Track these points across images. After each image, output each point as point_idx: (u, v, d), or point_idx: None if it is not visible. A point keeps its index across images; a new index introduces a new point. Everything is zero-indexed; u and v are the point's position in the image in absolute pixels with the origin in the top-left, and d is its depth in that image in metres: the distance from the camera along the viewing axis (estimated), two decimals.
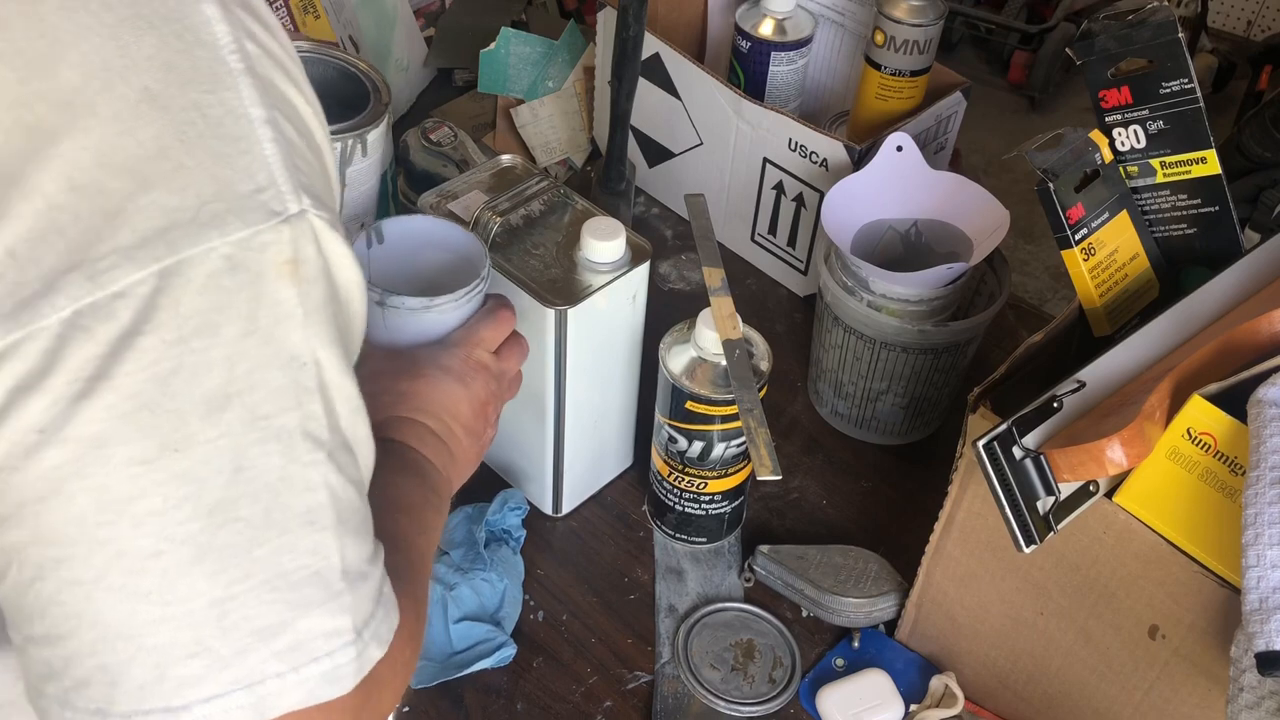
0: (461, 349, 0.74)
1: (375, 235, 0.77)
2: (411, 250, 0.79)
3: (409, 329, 0.74)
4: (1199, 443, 0.66)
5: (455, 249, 0.78)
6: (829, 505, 1.03)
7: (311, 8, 1.21)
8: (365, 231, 0.77)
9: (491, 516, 0.94)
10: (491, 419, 0.76)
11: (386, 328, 0.74)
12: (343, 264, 0.47)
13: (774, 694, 0.89)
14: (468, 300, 0.75)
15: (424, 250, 0.79)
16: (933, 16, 1.09)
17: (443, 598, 0.89)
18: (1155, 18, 0.79)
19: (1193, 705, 0.74)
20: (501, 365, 0.76)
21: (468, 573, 0.90)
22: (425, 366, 0.72)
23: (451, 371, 0.73)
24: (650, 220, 1.29)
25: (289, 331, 0.44)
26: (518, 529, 0.96)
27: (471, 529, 0.93)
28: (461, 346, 0.74)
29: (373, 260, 0.77)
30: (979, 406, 0.75)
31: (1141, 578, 0.72)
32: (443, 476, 0.70)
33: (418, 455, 0.69)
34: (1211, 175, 0.82)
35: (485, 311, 0.77)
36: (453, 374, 0.73)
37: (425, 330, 0.74)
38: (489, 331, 0.76)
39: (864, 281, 0.98)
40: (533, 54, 1.31)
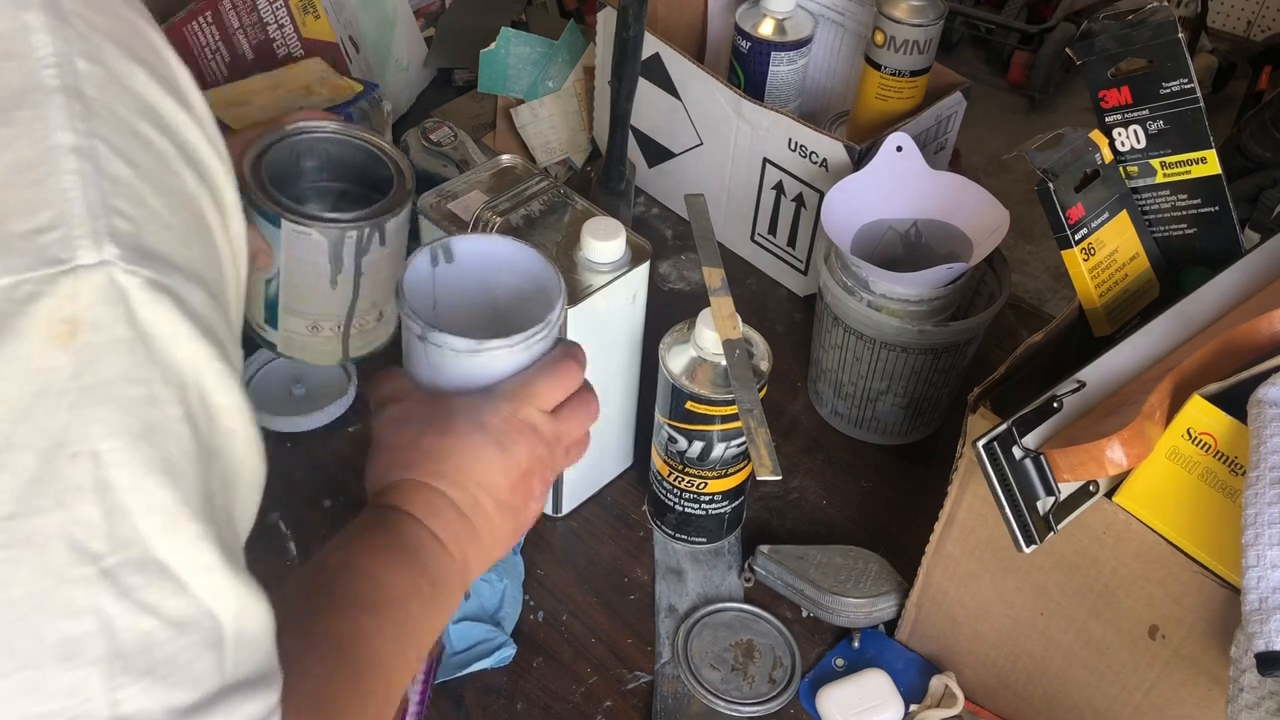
0: (508, 404, 0.62)
1: (442, 253, 0.68)
2: (483, 273, 0.69)
3: (452, 371, 0.64)
4: (1199, 443, 0.66)
5: (533, 277, 0.68)
6: (829, 505, 1.03)
7: (311, 8, 1.21)
8: (430, 248, 0.67)
9: None
10: (536, 492, 0.65)
11: (430, 365, 0.64)
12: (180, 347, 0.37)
13: (774, 694, 0.89)
14: (526, 347, 0.64)
15: (498, 275, 0.69)
16: (933, 16, 1.09)
17: None
18: (1155, 18, 0.79)
19: (1193, 705, 0.74)
20: (557, 427, 0.64)
21: None
22: (459, 421, 0.62)
23: (490, 430, 0.61)
24: (650, 220, 1.29)
25: (52, 409, 0.35)
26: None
27: None
28: (508, 401, 0.62)
29: (437, 281, 0.68)
30: (979, 406, 0.75)
31: (1141, 578, 0.72)
32: (452, 560, 0.60)
33: (420, 531, 0.60)
34: (1211, 175, 0.82)
35: (547, 360, 0.65)
36: (491, 433, 0.61)
37: (470, 375, 0.64)
38: (547, 386, 0.64)
39: (864, 281, 0.98)
40: (533, 54, 1.31)
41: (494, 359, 0.63)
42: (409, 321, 0.63)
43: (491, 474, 0.61)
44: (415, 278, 0.66)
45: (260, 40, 1.18)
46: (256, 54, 1.18)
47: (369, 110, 1.06)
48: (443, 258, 0.68)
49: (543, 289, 0.67)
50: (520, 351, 0.64)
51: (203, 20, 1.13)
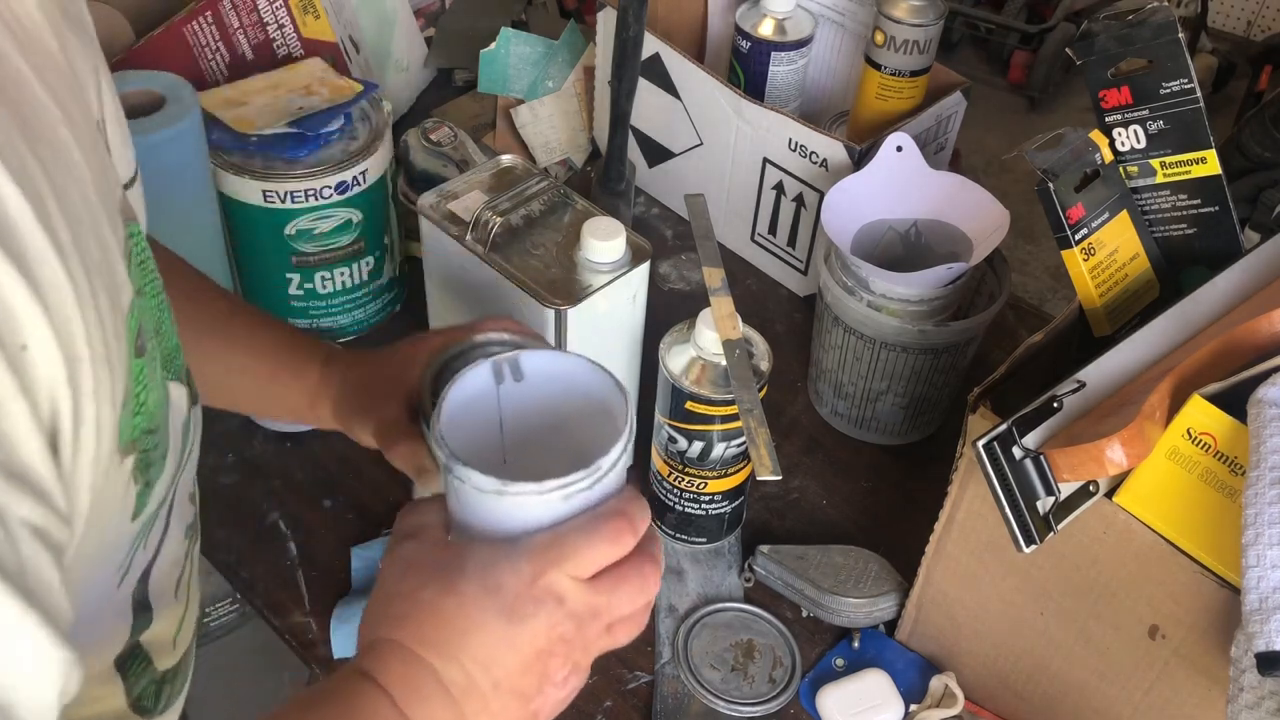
0: (531, 564, 0.51)
1: (510, 369, 0.59)
2: (554, 394, 0.60)
3: (478, 512, 0.54)
4: (1199, 443, 0.66)
5: (604, 405, 0.58)
6: (829, 505, 1.03)
7: (311, 8, 1.21)
8: (493, 362, 0.58)
9: None
10: (556, 676, 0.53)
11: (458, 501, 0.54)
12: None
13: (774, 694, 0.89)
14: (564, 496, 0.52)
15: (569, 397, 0.59)
16: (933, 16, 1.09)
17: None
18: (1155, 18, 0.79)
19: (1193, 705, 0.74)
20: (593, 600, 0.52)
21: None
22: (469, 578, 0.51)
23: (502, 595, 0.50)
24: (650, 220, 1.29)
25: None
26: None
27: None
28: (532, 561, 0.51)
29: (502, 398, 0.59)
30: (979, 406, 0.75)
31: (1141, 578, 0.72)
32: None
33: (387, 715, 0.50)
34: (1211, 175, 0.82)
35: (593, 515, 0.53)
36: (501, 599, 0.50)
37: (498, 521, 0.53)
38: (586, 547, 0.52)
39: (864, 281, 0.98)
40: (533, 54, 1.31)
41: (521, 505, 0.52)
42: (435, 447, 0.54)
43: (495, 649, 0.51)
44: (470, 395, 0.57)
45: (260, 40, 1.18)
46: (256, 54, 1.18)
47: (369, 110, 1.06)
48: (510, 374, 0.59)
49: (612, 419, 0.56)
50: (558, 501, 0.52)
51: (203, 20, 1.13)
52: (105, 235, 0.43)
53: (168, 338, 0.52)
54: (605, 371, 0.58)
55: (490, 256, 0.86)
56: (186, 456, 0.58)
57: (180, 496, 0.59)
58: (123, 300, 0.44)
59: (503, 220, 0.87)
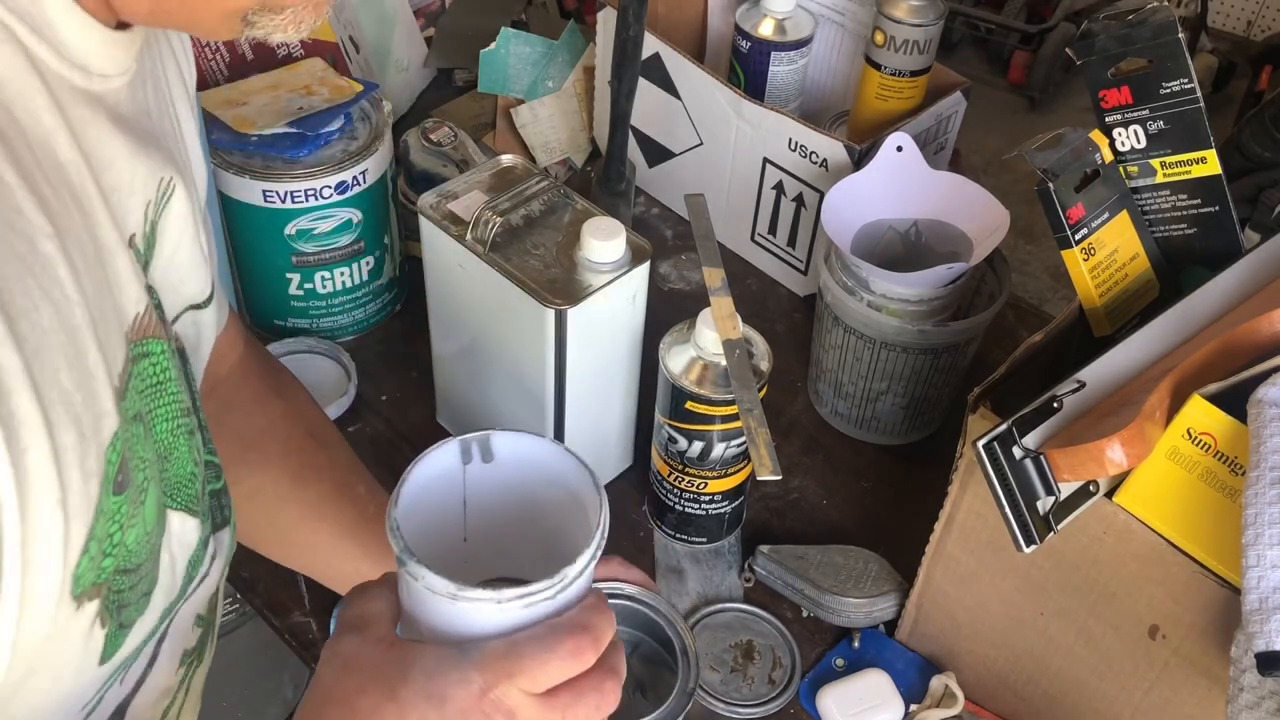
0: (481, 675, 0.48)
1: (479, 449, 0.55)
2: (527, 479, 0.57)
3: (429, 612, 0.50)
4: (1199, 443, 0.66)
5: (578, 497, 0.56)
6: (829, 505, 1.03)
7: None
8: (462, 440, 0.55)
9: None
10: None
11: (408, 595, 0.51)
12: None
13: (774, 695, 0.89)
14: (524, 605, 0.49)
15: (548, 489, 0.57)
16: (933, 16, 1.09)
17: None
18: (1155, 18, 0.79)
19: (1193, 705, 0.74)
20: (545, 715, 0.49)
21: None
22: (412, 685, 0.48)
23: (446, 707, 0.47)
24: (650, 220, 1.29)
25: None
26: None
27: None
28: (483, 671, 0.48)
29: (468, 479, 0.56)
30: (979, 406, 0.75)
31: (1141, 578, 0.72)
32: None
33: None
34: (1211, 175, 0.82)
35: (551, 626, 0.49)
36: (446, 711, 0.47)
37: (451, 623, 0.50)
38: (541, 662, 0.48)
39: (864, 281, 0.98)
40: (533, 54, 1.31)
41: (478, 611, 0.49)
42: (391, 538, 0.50)
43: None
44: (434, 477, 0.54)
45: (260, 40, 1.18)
46: (256, 54, 1.18)
47: (369, 110, 1.06)
48: (479, 454, 0.55)
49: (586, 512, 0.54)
50: (516, 610, 0.49)
51: None
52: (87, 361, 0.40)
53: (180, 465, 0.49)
54: (583, 465, 0.55)
55: (490, 256, 0.86)
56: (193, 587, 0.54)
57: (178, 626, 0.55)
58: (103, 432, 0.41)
59: (503, 220, 0.87)
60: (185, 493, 0.50)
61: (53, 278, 0.39)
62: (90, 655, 0.45)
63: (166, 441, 0.48)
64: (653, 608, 0.73)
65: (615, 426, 0.99)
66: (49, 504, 0.38)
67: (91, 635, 0.43)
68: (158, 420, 0.47)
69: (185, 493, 0.50)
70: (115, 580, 0.43)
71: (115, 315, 0.43)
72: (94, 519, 0.41)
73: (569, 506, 0.55)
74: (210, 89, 1.07)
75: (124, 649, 0.47)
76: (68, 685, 0.46)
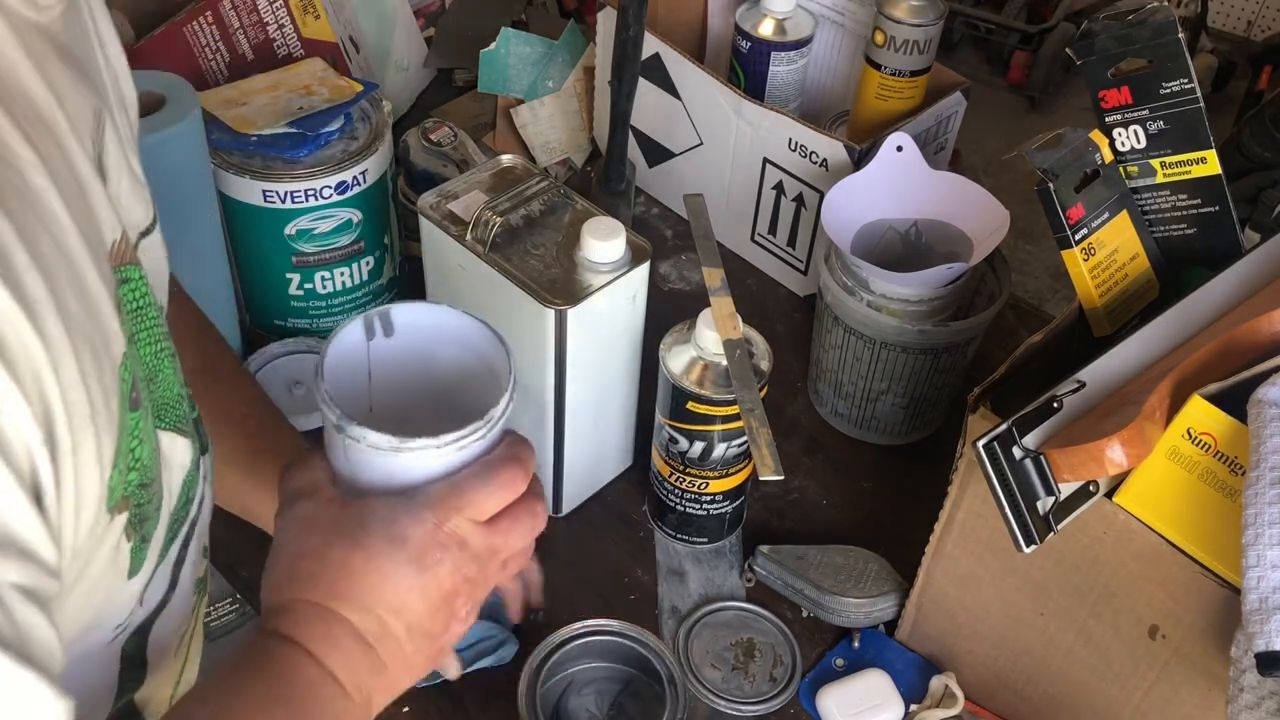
0: (433, 513, 0.53)
1: (381, 324, 0.59)
2: (427, 346, 0.60)
3: (371, 469, 0.55)
4: (1199, 443, 0.66)
5: (482, 355, 0.60)
6: (829, 505, 1.03)
7: (311, 8, 1.21)
8: (365, 317, 0.59)
9: None
10: (461, 612, 0.56)
11: (346, 460, 0.55)
12: None
13: (775, 693, 0.89)
14: (460, 447, 0.54)
15: (443, 347, 0.61)
16: (933, 16, 1.09)
17: None
18: (1155, 18, 0.79)
19: (1193, 705, 0.74)
20: (492, 540, 0.55)
21: None
22: (373, 531, 0.53)
23: (408, 545, 0.52)
24: (650, 220, 1.29)
25: None
26: None
27: None
28: (434, 509, 0.53)
29: (373, 356, 0.59)
30: (979, 406, 0.75)
31: (1141, 578, 0.72)
32: (350, 701, 0.52)
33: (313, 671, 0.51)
34: (1211, 175, 0.82)
35: (486, 462, 0.56)
36: (409, 548, 0.52)
37: (392, 475, 0.55)
38: (483, 494, 0.55)
39: (864, 281, 0.98)
40: (533, 54, 1.31)
41: (419, 459, 0.54)
42: (324, 409, 0.54)
43: (406, 596, 0.53)
44: (344, 352, 0.58)
45: (260, 40, 1.18)
46: (256, 54, 1.18)
47: (369, 110, 1.06)
48: (380, 329, 0.59)
49: (492, 370, 0.58)
50: (452, 453, 0.54)
51: (203, 20, 1.13)
52: (90, 285, 0.42)
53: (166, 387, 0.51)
54: (480, 321, 0.59)
55: (490, 256, 0.86)
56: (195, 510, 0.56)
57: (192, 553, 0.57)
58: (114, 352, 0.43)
59: (503, 220, 0.87)
60: (174, 413, 0.52)
61: (48, 209, 0.41)
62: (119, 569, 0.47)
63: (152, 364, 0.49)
64: (639, 641, 0.81)
65: (615, 426, 0.99)
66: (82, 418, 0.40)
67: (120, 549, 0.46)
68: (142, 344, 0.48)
69: (174, 413, 0.52)
70: (137, 494, 0.46)
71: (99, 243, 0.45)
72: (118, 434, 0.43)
73: (470, 365, 0.59)
74: (210, 89, 1.07)
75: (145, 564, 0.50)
76: (101, 600, 0.48)
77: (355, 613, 0.52)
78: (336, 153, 1.02)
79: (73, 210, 0.42)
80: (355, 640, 0.52)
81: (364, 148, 1.03)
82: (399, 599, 0.53)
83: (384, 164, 1.06)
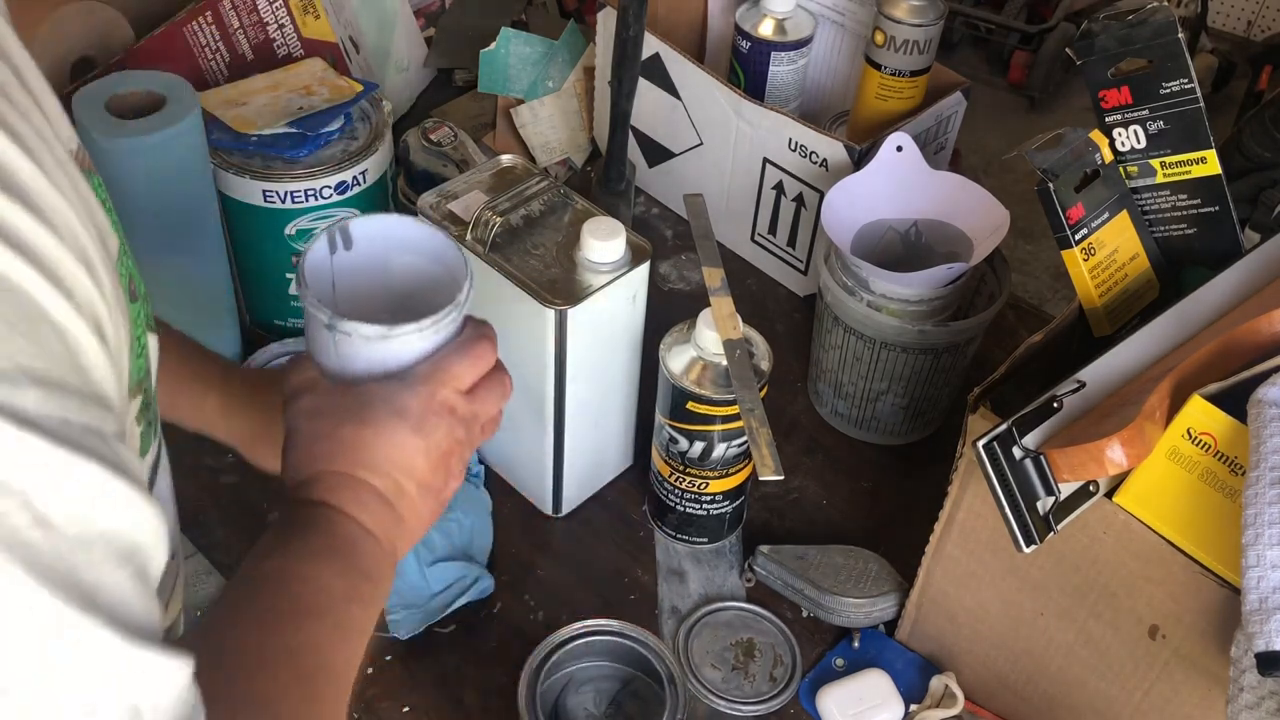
0: (425, 387, 0.62)
1: (341, 237, 0.66)
2: (384, 255, 0.68)
3: (362, 359, 0.62)
4: (1199, 443, 0.66)
5: (436, 257, 0.67)
6: (829, 505, 1.03)
7: (311, 8, 1.21)
8: (328, 233, 0.65)
9: None
10: (456, 469, 0.65)
11: (340, 355, 0.63)
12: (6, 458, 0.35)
13: (775, 692, 0.89)
14: (436, 330, 0.62)
15: (399, 256, 0.68)
16: (933, 16, 1.09)
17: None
18: (1155, 18, 0.79)
19: (1193, 705, 0.74)
20: (474, 407, 0.64)
21: None
22: (376, 409, 0.61)
23: (408, 417, 0.61)
24: (650, 220, 1.29)
25: None
26: (474, 465, 0.98)
27: None
28: (425, 384, 0.62)
29: (336, 268, 0.66)
30: (979, 406, 0.75)
31: (1141, 578, 0.72)
32: (383, 549, 0.61)
33: (351, 526, 0.59)
34: (1211, 175, 0.82)
35: (460, 342, 0.64)
36: (409, 420, 0.61)
37: (382, 361, 0.63)
38: (462, 367, 0.63)
39: (864, 281, 0.98)
40: (533, 54, 1.31)
41: (405, 344, 0.62)
42: (315, 311, 0.61)
43: (413, 459, 0.61)
44: (315, 265, 0.65)
45: (260, 40, 1.18)
46: (256, 54, 1.18)
47: (369, 110, 1.06)
48: (341, 243, 0.66)
49: (448, 268, 0.66)
50: (431, 335, 0.63)
51: (203, 20, 1.13)
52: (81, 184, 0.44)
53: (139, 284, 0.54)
54: (433, 226, 0.67)
55: (490, 256, 0.86)
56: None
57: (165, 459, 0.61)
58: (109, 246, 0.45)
59: (503, 220, 0.87)
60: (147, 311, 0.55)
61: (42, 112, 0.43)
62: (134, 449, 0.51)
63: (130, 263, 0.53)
64: (639, 641, 0.83)
65: (615, 426, 0.99)
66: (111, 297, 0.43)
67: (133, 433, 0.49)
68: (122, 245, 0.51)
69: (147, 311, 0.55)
70: (146, 381, 0.50)
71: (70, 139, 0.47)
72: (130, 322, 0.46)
73: (424, 268, 0.67)
74: (210, 89, 1.07)
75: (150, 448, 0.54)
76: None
77: (375, 477, 0.60)
78: (336, 153, 1.02)
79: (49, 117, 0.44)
80: (379, 500, 0.60)
81: (364, 148, 1.03)
82: (408, 462, 0.61)
83: (384, 164, 1.06)
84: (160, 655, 0.39)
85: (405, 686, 0.88)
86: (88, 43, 1.06)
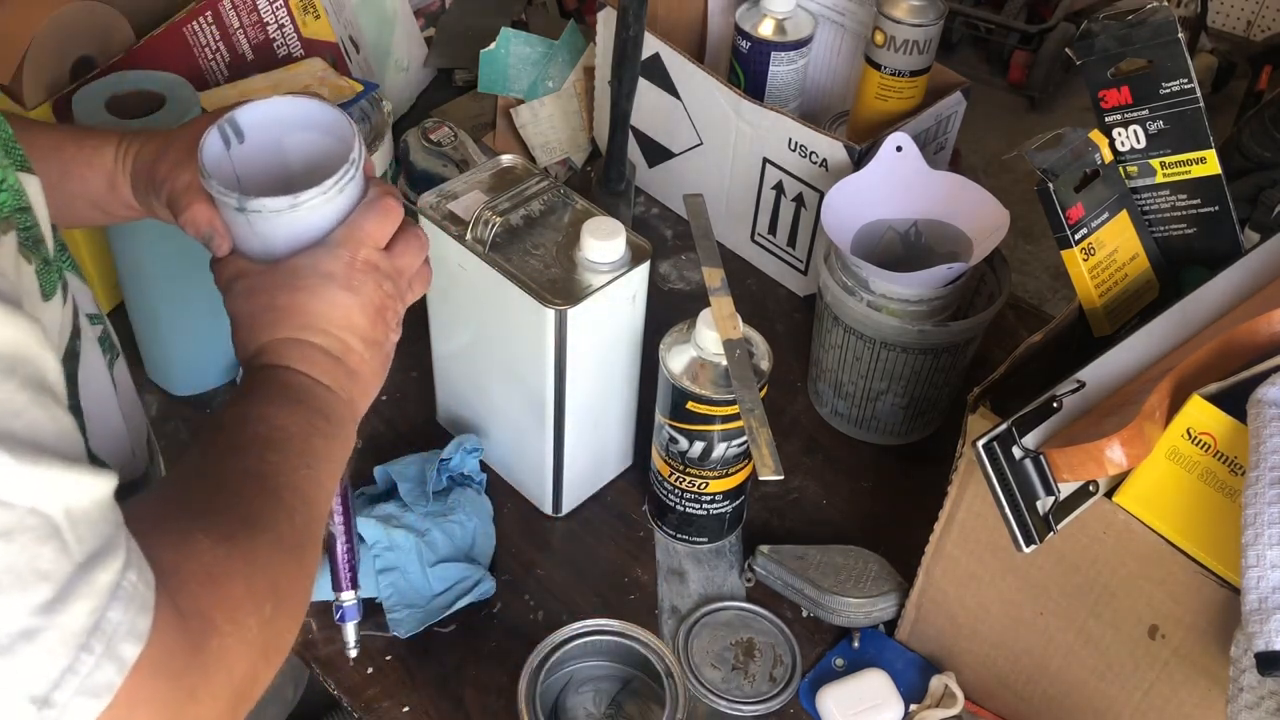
0: (345, 249, 0.66)
1: (231, 130, 0.68)
2: (277, 139, 0.70)
3: (280, 234, 0.66)
4: (1199, 443, 0.66)
5: (326, 129, 0.69)
6: (829, 505, 1.03)
7: (311, 8, 1.21)
8: (218, 127, 0.67)
9: (448, 458, 0.96)
10: (393, 323, 0.69)
11: (257, 235, 0.66)
12: None
13: (775, 692, 0.89)
14: (339, 190, 0.66)
15: (291, 135, 0.70)
16: (933, 16, 1.09)
17: (417, 544, 0.91)
18: (1155, 18, 0.79)
19: (1193, 705, 0.74)
20: (396, 263, 0.68)
21: (438, 517, 0.93)
22: (305, 275, 0.65)
23: (335, 277, 0.65)
24: (650, 220, 1.29)
25: None
26: (478, 473, 0.99)
27: (424, 467, 0.96)
28: (344, 247, 0.66)
29: (235, 160, 0.68)
30: (979, 406, 0.75)
31: (1141, 578, 0.72)
32: (339, 398, 0.65)
33: (302, 379, 0.63)
34: (1211, 175, 0.82)
35: (367, 203, 0.68)
36: (337, 280, 0.65)
37: (299, 233, 0.66)
38: (374, 224, 0.67)
39: (864, 281, 0.98)
40: (533, 54, 1.31)
41: (314, 210, 0.65)
42: (223, 200, 0.64)
43: (350, 316, 0.65)
44: (213, 161, 0.67)
45: (260, 40, 1.18)
46: (256, 54, 1.18)
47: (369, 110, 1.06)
48: (233, 137, 0.68)
49: (339, 138, 0.68)
50: (336, 196, 0.66)
51: (203, 20, 1.13)
52: None
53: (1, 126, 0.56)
54: (314, 98, 0.70)
55: (490, 256, 0.86)
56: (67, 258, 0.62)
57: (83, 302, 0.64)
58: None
59: (503, 220, 0.87)
60: (17, 153, 0.57)
61: None
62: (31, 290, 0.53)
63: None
64: (639, 641, 0.83)
65: (615, 426, 0.99)
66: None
67: (20, 267, 0.52)
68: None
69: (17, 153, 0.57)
70: (17, 217, 0.52)
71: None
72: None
73: (317, 140, 0.70)
74: (210, 89, 1.07)
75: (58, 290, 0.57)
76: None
77: (318, 335, 0.64)
78: None
79: None
80: (326, 356, 0.64)
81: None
82: (346, 318, 0.65)
83: (384, 164, 1.06)
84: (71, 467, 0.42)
85: (405, 686, 0.88)
86: (88, 43, 1.06)
